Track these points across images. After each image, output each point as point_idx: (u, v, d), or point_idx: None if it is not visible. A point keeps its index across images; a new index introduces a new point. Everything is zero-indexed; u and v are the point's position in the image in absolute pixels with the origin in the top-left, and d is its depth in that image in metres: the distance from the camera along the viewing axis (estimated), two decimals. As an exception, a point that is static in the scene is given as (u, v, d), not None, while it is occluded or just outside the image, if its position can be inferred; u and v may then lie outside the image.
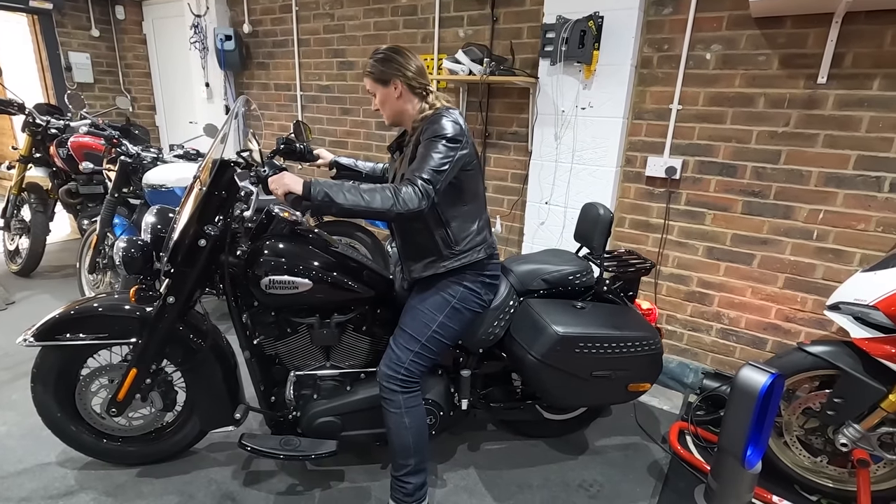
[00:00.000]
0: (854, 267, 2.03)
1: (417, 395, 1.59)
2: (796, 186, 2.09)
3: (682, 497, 1.80)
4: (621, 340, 1.63)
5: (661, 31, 2.23)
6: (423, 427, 1.59)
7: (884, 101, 1.87)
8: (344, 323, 1.71)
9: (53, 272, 3.67)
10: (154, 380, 1.71)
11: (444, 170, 1.37)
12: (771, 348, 2.28)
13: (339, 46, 3.36)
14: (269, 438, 1.72)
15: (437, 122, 1.42)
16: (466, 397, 1.80)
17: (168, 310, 1.60)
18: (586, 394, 1.72)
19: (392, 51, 1.50)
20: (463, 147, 1.42)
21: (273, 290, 1.55)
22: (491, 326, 1.71)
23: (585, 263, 1.86)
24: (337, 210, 1.34)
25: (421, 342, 1.55)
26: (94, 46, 4.77)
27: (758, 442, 1.62)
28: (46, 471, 1.80)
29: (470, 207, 1.54)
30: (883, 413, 1.62)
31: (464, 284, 1.57)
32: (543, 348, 1.60)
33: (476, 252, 1.55)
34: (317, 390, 1.75)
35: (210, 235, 1.53)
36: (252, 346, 1.68)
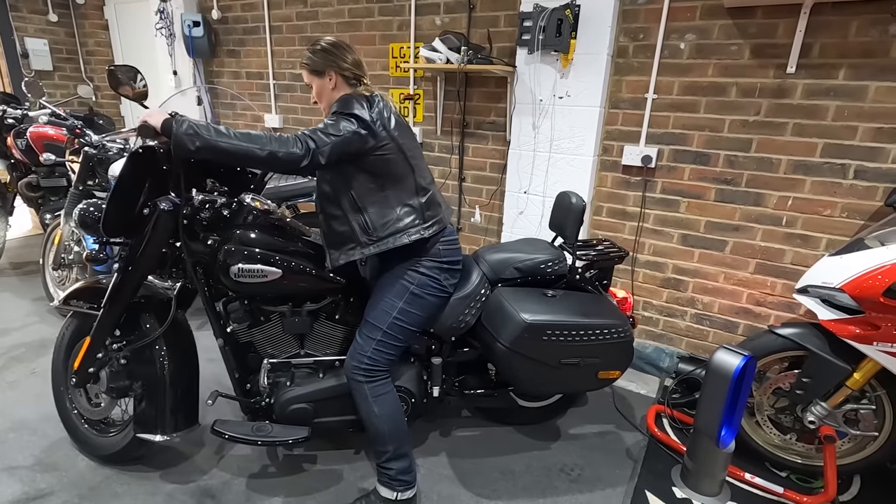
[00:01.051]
0: (821, 252, 2.10)
1: (385, 383, 1.59)
2: (766, 174, 2.14)
3: (659, 478, 1.85)
4: (589, 328, 1.64)
5: (636, 21, 2.25)
6: (397, 414, 1.60)
7: (849, 90, 1.93)
8: (316, 311, 1.72)
9: (14, 270, 3.51)
10: (107, 355, 1.68)
11: (330, 133, 1.38)
12: (743, 332, 2.35)
13: (313, 34, 3.27)
14: (241, 425, 1.70)
15: (343, 101, 1.46)
16: (438, 385, 1.82)
17: (124, 281, 1.59)
18: (556, 381, 1.75)
19: (328, 42, 1.54)
20: (364, 126, 1.41)
21: (242, 279, 1.55)
22: (462, 314, 1.72)
23: (558, 252, 1.87)
24: (201, 145, 1.29)
25: (382, 330, 1.56)
26: (53, 32, 4.54)
27: (731, 422, 1.67)
28: (15, 475, 1.74)
29: (390, 193, 1.52)
30: (848, 391, 1.69)
31: (420, 271, 1.58)
32: (511, 336, 1.62)
33: (399, 237, 1.51)
34: (290, 378, 1.75)
35: (161, 207, 1.50)
36: (226, 334, 1.68)
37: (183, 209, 1.51)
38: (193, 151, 1.31)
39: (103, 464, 1.80)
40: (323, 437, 1.94)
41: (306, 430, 1.69)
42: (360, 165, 1.48)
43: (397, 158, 1.51)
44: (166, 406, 1.65)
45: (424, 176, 1.59)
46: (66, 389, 1.83)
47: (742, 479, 1.83)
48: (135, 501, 1.66)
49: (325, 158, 1.39)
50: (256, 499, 1.69)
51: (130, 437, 1.70)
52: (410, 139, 1.57)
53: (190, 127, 1.30)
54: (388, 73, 3.04)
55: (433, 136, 2.99)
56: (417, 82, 2.95)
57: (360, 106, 1.43)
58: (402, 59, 2.94)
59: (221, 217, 1.57)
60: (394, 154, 1.50)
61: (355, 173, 1.49)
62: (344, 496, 1.71)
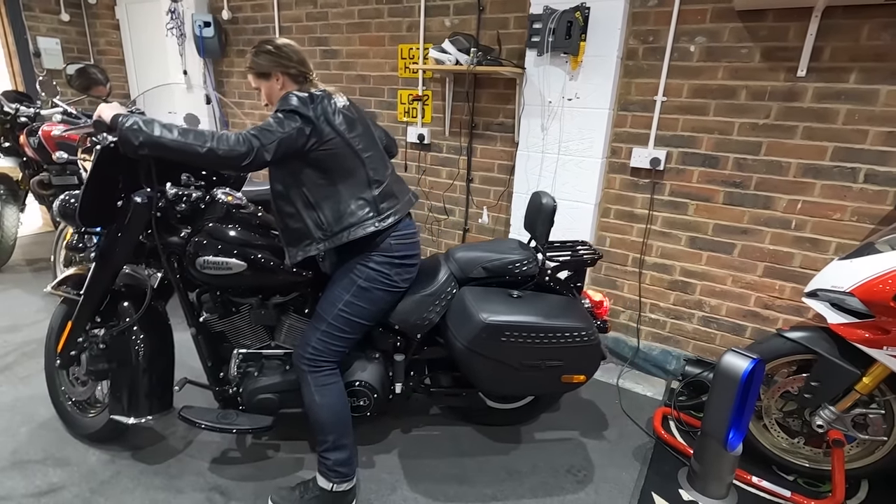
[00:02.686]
0: (830, 255, 2.09)
1: (329, 374, 1.60)
2: (776, 177, 2.14)
3: (666, 480, 1.85)
4: (551, 330, 1.61)
5: (646, 23, 2.25)
6: (339, 406, 1.60)
7: (860, 94, 1.93)
8: (284, 304, 1.75)
9: (26, 266, 3.55)
10: (87, 340, 1.75)
11: (276, 131, 1.38)
12: (750, 335, 2.35)
13: (323, 34, 3.30)
14: (208, 412, 1.75)
15: (284, 99, 1.45)
16: (400, 381, 1.82)
17: (100, 269, 1.66)
18: (517, 383, 1.73)
19: (267, 43, 1.54)
20: (306, 122, 1.42)
21: (208, 270, 1.59)
22: (426, 312, 1.72)
23: (529, 253, 1.83)
24: (144, 140, 1.31)
25: (327, 321, 1.57)
26: (64, 31, 4.58)
27: (739, 425, 1.67)
28: (27, 468, 1.76)
29: (341, 188, 1.52)
30: (857, 395, 1.69)
31: (369, 265, 1.58)
32: (470, 335, 1.61)
33: (353, 230, 1.52)
34: (259, 368, 1.78)
35: (134, 200, 1.56)
36: (198, 323, 1.73)
37: (156, 202, 1.56)
38: (137, 147, 1.32)
39: (90, 444, 1.86)
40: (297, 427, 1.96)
41: (270, 420, 1.74)
42: (308, 161, 1.48)
43: (345, 152, 1.51)
44: (140, 390, 1.71)
45: (378, 168, 1.59)
46: (56, 372, 1.90)
47: (749, 483, 1.83)
48: (145, 496, 1.67)
49: (271, 155, 1.40)
50: (266, 495, 1.70)
51: (107, 418, 1.77)
52: (362, 133, 1.56)
53: (135, 123, 1.31)
54: (398, 75, 3.05)
55: (441, 136, 3.00)
56: (426, 83, 2.96)
57: (301, 103, 1.43)
58: (412, 61, 2.95)
59: (196, 210, 1.63)
60: (340, 148, 1.50)
61: (305, 170, 1.50)
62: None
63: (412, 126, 3.07)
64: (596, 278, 2.69)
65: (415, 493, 1.75)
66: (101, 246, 1.66)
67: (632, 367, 2.65)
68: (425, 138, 3.02)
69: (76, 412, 1.92)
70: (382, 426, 2.08)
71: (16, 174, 3.34)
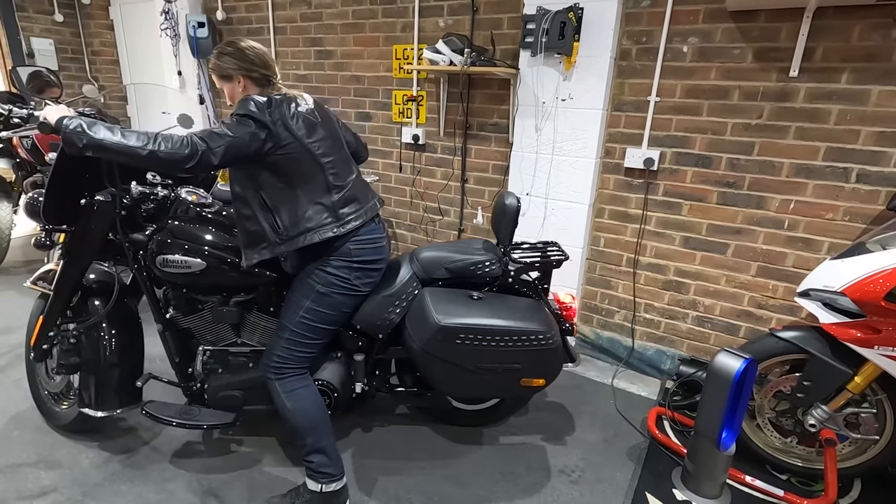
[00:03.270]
0: (823, 255, 2.10)
1: (296, 379, 1.60)
2: (769, 177, 2.15)
3: (660, 479, 1.85)
4: (507, 333, 1.59)
5: (639, 24, 2.26)
6: (312, 410, 1.60)
7: (851, 94, 1.94)
8: (248, 303, 1.76)
9: (20, 267, 3.53)
10: (58, 335, 1.78)
11: (226, 134, 1.38)
12: (744, 334, 2.35)
13: (317, 35, 3.29)
14: (169, 407, 1.77)
15: (242, 103, 1.45)
16: (360, 381, 1.83)
17: (68, 265, 1.70)
18: (475, 386, 1.71)
19: (230, 45, 1.53)
20: (260, 126, 1.41)
21: (167, 269, 1.61)
22: (386, 312, 1.70)
23: (492, 254, 1.80)
24: (87, 142, 1.30)
25: (289, 328, 1.57)
26: (58, 32, 4.57)
27: (732, 425, 1.68)
28: (19, 471, 1.75)
29: (299, 192, 1.51)
30: (849, 394, 1.69)
31: (327, 270, 1.57)
32: (425, 337, 1.60)
33: (309, 235, 1.51)
34: (224, 365, 1.79)
35: (97, 199, 1.58)
36: (165, 320, 1.76)
37: (119, 200, 1.60)
38: (81, 148, 1.32)
39: (83, 448, 1.85)
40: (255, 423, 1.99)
41: (231, 416, 1.75)
42: (266, 165, 1.47)
43: (303, 157, 1.50)
44: (107, 384, 1.75)
45: (340, 173, 1.57)
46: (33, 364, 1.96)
47: (742, 482, 1.84)
48: (138, 499, 1.67)
49: (219, 159, 1.39)
50: (259, 497, 1.70)
51: (76, 412, 1.81)
52: (323, 137, 1.55)
53: (79, 125, 1.31)
54: (392, 75, 3.05)
55: (436, 137, 3.00)
56: (421, 84, 2.96)
57: (257, 108, 1.42)
58: (406, 61, 2.95)
59: (162, 209, 1.65)
60: (298, 153, 1.49)
61: (262, 173, 1.49)
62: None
63: (407, 126, 3.07)
64: (590, 278, 2.69)
65: (409, 493, 1.75)
66: (68, 243, 1.70)
67: (626, 366, 2.65)
68: (420, 139, 3.02)
69: (52, 403, 1.97)
70: (375, 426, 2.07)
71: (9, 175, 3.33)
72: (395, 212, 3.33)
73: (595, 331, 2.76)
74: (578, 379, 2.55)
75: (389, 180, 3.28)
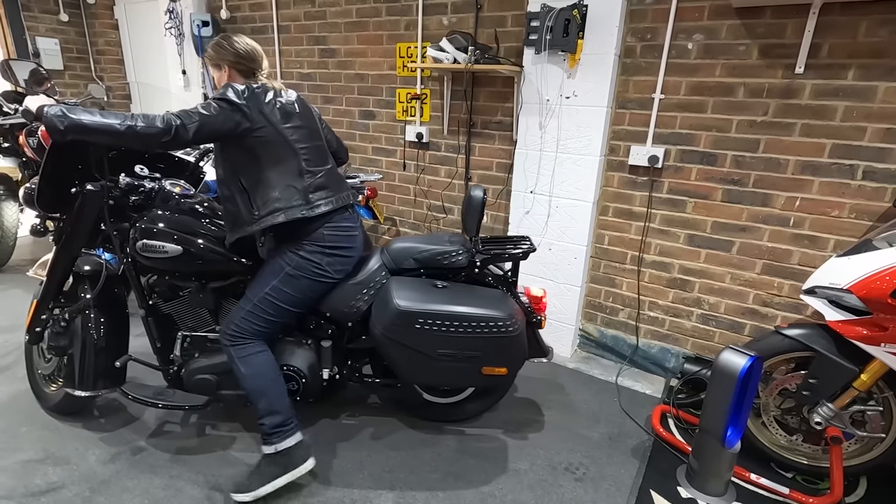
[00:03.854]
0: (829, 253, 2.09)
1: (248, 346, 1.66)
2: (774, 174, 2.14)
3: (664, 477, 1.85)
4: (465, 319, 1.63)
5: (644, 21, 2.25)
6: (266, 373, 1.67)
7: (858, 90, 1.92)
8: (224, 290, 1.83)
9: (26, 266, 3.55)
10: (50, 318, 1.88)
11: (198, 112, 1.49)
12: (749, 332, 2.35)
13: (321, 33, 3.29)
14: (146, 388, 1.96)
15: (222, 88, 1.56)
16: (328, 367, 1.86)
17: (59, 252, 1.79)
18: (436, 372, 1.73)
19: (224, 38, 1.67)
20: (238, 108, 1.52)
21: (146, 254, 1.68)
22: (354, 300, 1.76)
23: (459, 245, 1.85)
24: (68, 124, 1.37)
25: (253, 302, 1.65)
26: (63, 32, 4.59)
27: (737, 422, 1.68)
28: (27, 468, 1.76)
29: (271, 174, 1.60)
30: (855, 392, 1.69)
31: (299, 253, 1.64)
32: (385, 322, 1.65)
33: (276, 215, 1.58)
34: (201, 350, 1.86)
35: (86, 188, 1.67)
36: (147, 305, 1.84)
37: (108, 190, 1.69)
38: (63, 131, 1.38)
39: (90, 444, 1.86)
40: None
41: (203, 399, 1.85)
42: (242, 147, 1.58)
43: (276, 141, 1.59)
44: (92, 366, 1.83)
45: (314, 161, 1.67)
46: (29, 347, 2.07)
47: (747, 480, 1.83)
48: (145, 495, 1.68)
49: (191, 135, 1.49)
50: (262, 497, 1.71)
51: (63, 393, 1.92)
52: (299, 126, 1.65)
53: (59, 110, 1.39)
54: (396, 73, 3.05)
55: (440, 135, 3.00)
56: (424, 82, 2.96)
57: (234, 93, 1.53)
58: (410, 59, 2.95)
59: (148, 200, 1.74)
60: (272, 137, 1.58)
61: (239, 155, 1.60)
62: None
63: (411, 125, 3.07)
64: (594, 276, 2.69)
65: (413, 490, 1.76)
66: (60, 231, 1.78)
67: (631, 364, 2.65)
68: (424, 137, 3.02)
69: (43, 385, 2.06)
70: (379, 424, 2.08)
71: (15, 174, 3.35)
72: (398, 210, 3.33)
73: (599, 329, 2.75)
74: (583, 377, 2.55)
75: (393, 178, 3.28)
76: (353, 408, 2.17)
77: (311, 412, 2.12)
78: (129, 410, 2.08)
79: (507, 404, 2.26)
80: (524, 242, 1.95)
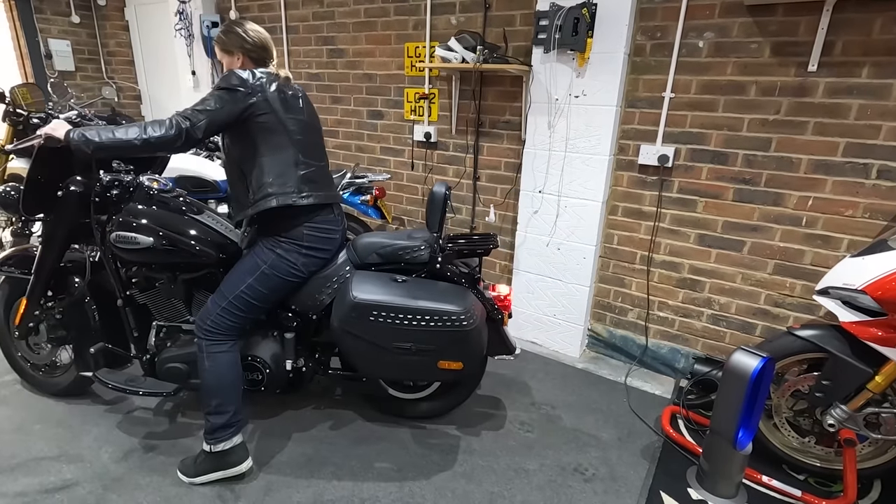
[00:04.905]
0: (842, 253, 2.07)
1: (220, 343, 1.70)
2: (786, 174, 2.11)
3: (674, 479, 1.84)
4: (419, 312, 1.64)
5: (653, 19, 2.23)
6: (227, 374, 1.70)
7: (872, 88, 1.90)
8: (196, 282, 1.88)
9: None
10: (43, 313, 1.99)
11: (206, 109, 1.53)
12: (760, 333, 2.32)
13: (329, 34, 3.30)
14: (118, 375, 1.95)
15: (225, 76, 1.58)
16: (291, 358, 1.89)
17: (45, 251, 1.86)
18: (393, 366, 1.74)
19: (234, 23, 1.70)
20: (243, 96, 1.55)
21: (119, 244, 1.74)
22: (318, 293, 1.81)
23: (421, 241, 1.85)
24: (94, 147, 1.52)
25: (228, 299, 1.68)
26: (75, 33, 4.64)
27: (748, 424, 1.66)
28: (41, 465, 1.79)
29: (268, 159, 1.63)
30: (869, 394, 1.66)
31: (277, 252, 1.68)
32: (341, 313, 1.68)
33: (269, 200, 1.62)
34: (173, 339, 1.92)
35: (72, 188, 1.74)
36: (125, 296, 1.89)
37: (94, 188, 1.75)
38: (91, 153, 1.54)
39: (104, 442, 1.86)
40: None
41: (172, 387, 1.90)
42: (243, 131, 1.61)
43: (275, 128, 1.62)
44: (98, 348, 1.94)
45: (310, 156, 1.70)
46: (11, 341, 2.15)
47: (759, 482, 1.82)
48: (158, 492, 1.70)
49: (202, 133, 1.55)
50: (276, 491, 1.72)
51: (74, 375, 2.06)
52: (300, 119, 1.68)
53: (81, 135, 1.52)
54: (404, 73, 3.05)
55: (448, 135, 3.00)
56: (433, 81, 2.96)
57: (237, 79, 1.56)
58: (418, 59, 2.95)
59: (125, 194, 1.80)
60: (272, 124, 1.61)
61: (240, 141, 1.64)
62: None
63: (419, 124, 3.08)
64: (603, 276, 2.68)
65: (422, 489, 1.76)
66: (46, 230, 1.85)
67: (640, 365, 2.64)
68: (432, 136, 3.02)
69: (38, 374, 2.17)
70: (390, 424, 2.09)
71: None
72: (406, 210, 3.34)
73: (608, 328, 2.74)
74: (592, 377, 2.54)
75: (401, 178, 3.28)
76: (361, 408, 2.18)
77: (313, 409, 2.13)
78: (142, 410, 2.11)
79: (516, 404, 2.26)
80: (488, 239, 1.93)
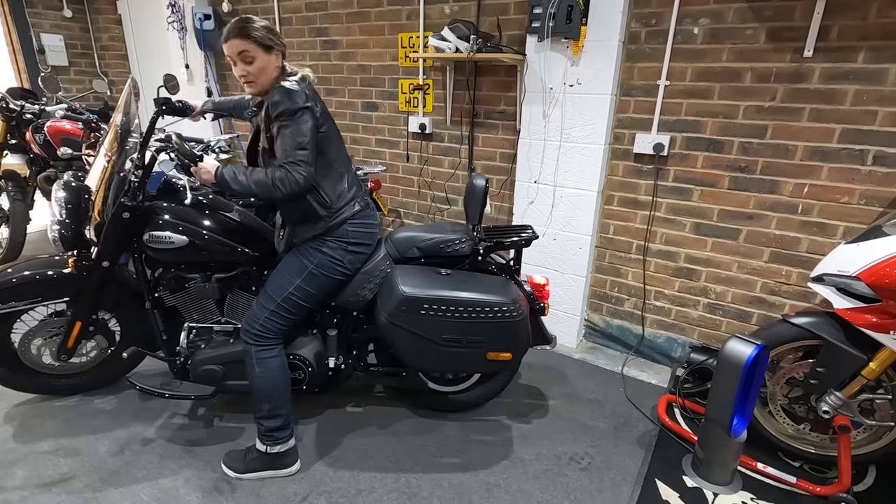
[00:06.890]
0: (837, 240, 2.06)
1: (271, 348, 1.69)
2: (782, 161, 2.10)
3: (670, 467, 1.85)
4: (469, 305, 1.65)
5: (648, 6, 2.21)
6: (278, 378, 1.69)
7: (868, 73, 1.88)
8: (230, 281, 1.85)
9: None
10: (96, 326, 2.00)
11: (302, 149, 1.48)
12: (756, 321, 2.32)
13: (323, 25, 3.28)
14: (153, 378, 1.94)
15: (287, 96, 1.48)
16: (333, 356, 1.90)
17: (102, 272, 1.81)
18: (441, 358, 1.74)
19: (250, 18, 1.56)
20: (311, 112, 1.51)
21: (153, 245, 1.71)
22: (360, 289, 1.79)
23: (461, 234, 1.87)
24: (237, 188, 1.55)
25: (277, 302, 1.66)
26: (68, 28, 4.60)
27: (743, 412, 1.66)
28: (39, 459, 1.80)
29: (337, 169, 1.64)
30: (863, 381, 1.67)
31: (322, 250, 1.66)
32: (390, 308, 1.67)
33: (351, 206, 1.65)
34: (207, 341, 1.89)
35: (131, 208, 1.70)
36: (154, 297, 1.86)
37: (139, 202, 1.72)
38: (233, 192, 1.58)
39: (100, 435, 1.87)
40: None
41: (210, 389, 1.88)
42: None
43: (332, 136, 1.62)
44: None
45: (346, 155, 1.71)
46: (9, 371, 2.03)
47: (754, 469, 1.83)
48: (154, 486, 1.70)
49: (313, 168, 1.51)
50: (269, 486, 1.73)
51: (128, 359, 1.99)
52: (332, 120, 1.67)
53: (223, 178, 1.55)
54: (398, 64, 3.03)
55: (443, 126, 2.98)
56: (427, 72, 2.94)
57: (300, 97, 1.49)
58: (412, 49, 2.93)
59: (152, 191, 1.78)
60: (330, 131, 1.61)
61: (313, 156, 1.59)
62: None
63: (413, 115, 3.06)
64: (600, 266, 2.67)
65: (419, 480, 1.77)
66: (103, 252, 1.79)
67: (636, 354, 2.64)
68: (427, 128, 3.01)
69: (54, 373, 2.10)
70: (384, 416, 2.09)
71: (24, 171, 3.37)
72: (402, 202, 3.33)
73: (605, 319, 2.74)
74: (588, 367, 2.55)
75: (397, 170, 3.27)
76: (358, 397, 2.19)
77: (316, 402, 2.14)
78: (139, 403, 2.11)
79: (513, 394, 2.27)
80: (526, 231, 1.96)
